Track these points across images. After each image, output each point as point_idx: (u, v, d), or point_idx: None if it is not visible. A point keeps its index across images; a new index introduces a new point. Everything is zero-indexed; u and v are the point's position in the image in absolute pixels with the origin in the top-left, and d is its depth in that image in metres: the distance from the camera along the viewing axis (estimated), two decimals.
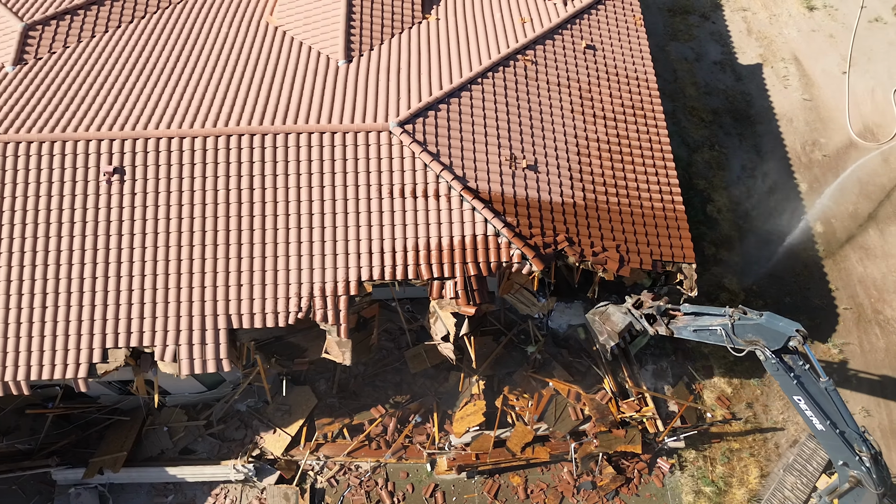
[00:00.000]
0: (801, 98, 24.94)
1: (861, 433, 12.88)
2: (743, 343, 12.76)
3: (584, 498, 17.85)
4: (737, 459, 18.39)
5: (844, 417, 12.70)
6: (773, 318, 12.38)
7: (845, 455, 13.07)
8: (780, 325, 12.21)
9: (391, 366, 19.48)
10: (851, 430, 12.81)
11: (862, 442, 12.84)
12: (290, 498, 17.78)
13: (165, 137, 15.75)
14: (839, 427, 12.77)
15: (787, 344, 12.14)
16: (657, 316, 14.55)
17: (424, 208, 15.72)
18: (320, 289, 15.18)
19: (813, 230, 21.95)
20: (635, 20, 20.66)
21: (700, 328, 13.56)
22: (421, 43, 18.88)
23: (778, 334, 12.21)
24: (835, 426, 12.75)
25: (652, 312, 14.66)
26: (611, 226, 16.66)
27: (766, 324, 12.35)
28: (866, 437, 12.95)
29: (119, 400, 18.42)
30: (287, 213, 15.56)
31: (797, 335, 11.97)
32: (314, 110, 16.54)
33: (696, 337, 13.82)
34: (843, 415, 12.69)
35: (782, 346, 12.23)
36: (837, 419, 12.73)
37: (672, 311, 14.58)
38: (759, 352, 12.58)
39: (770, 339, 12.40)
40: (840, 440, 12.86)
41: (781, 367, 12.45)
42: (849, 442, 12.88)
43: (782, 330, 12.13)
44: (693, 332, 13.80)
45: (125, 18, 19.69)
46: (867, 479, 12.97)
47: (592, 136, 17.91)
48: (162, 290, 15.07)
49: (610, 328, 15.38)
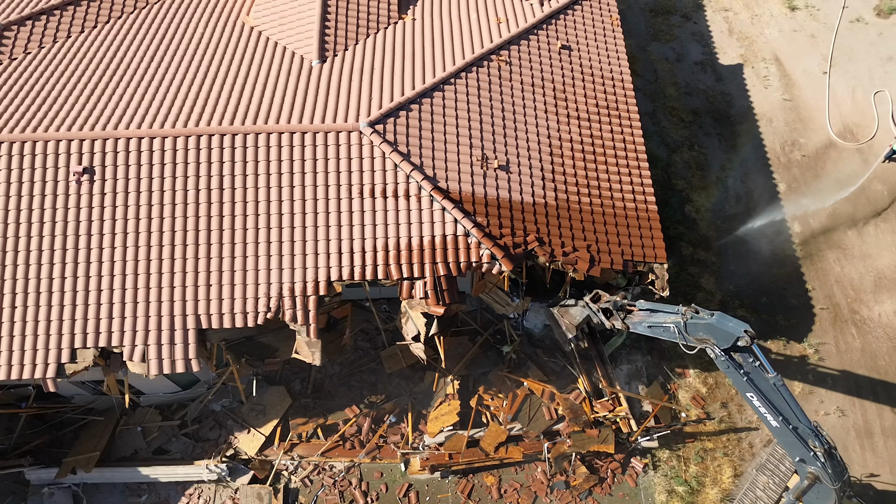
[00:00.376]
0: (781, 98, 24.98)
1: (813, 428, 13.01)
2: (694, 341, 13.10)
3: (557, 498, 17.87)
4: (710, 459, 18.42)
5: (796, 413, 12.90)
6: (723, 319, 12.63)
7: (801, 451, 13.22)
8: (729, 326, 12.47)
9: (367, 366, 19.49)
10: (804, 426, 12.96)
11: (815, 437, 12.95)
12: (263, 498, 17.79)
13: (135, 137, 15.76)
14: (791, 423, 12.95)
15: (736, 343, 12.40)
16: (613, 311, 14.91)
17: (395, 208, 15.73)
18: (289, 289, 15.19)
19: (790, 230, 21.99)
20: (612, 20, 20.69)
21: (654, 324, 13.91)
22: (396, 43, 18.90)
23: (727, 334, 12.47)
24: (787, 422, 12.94)
25: (608, 307, 15.03)
26: (582, 226, 16.69)
27: (717, 324, 12.60)
28: (819, 431, 13.07)
29: (93, 400, 18.41)
30: (257, 212, 15.56)
31: (745, 335, 12.23)
32: (285, 110, 16.55)
33: (651, 332, 14.18)
34: (794, 411, 12.89)
35: (731, 345, 12.49)
36: (789, 415, 12.93)
37: (629, 306, 14.93)
38: (710, 350, 12.92)
39: (720, 338, 12.67)
40: (794, 436, 13.01)
41: (731, 365, 12.77)
42: (802, 438, 13.02)
43: (731, 330, 12.39)
44: (648, 328, 14.18)
45: (101, 19, 19.68)
46: (823, 474, 13.08)
47: (566, 137, 17.93)
48: (131, 290, 15.07)
49: (568, 321, 15.88)
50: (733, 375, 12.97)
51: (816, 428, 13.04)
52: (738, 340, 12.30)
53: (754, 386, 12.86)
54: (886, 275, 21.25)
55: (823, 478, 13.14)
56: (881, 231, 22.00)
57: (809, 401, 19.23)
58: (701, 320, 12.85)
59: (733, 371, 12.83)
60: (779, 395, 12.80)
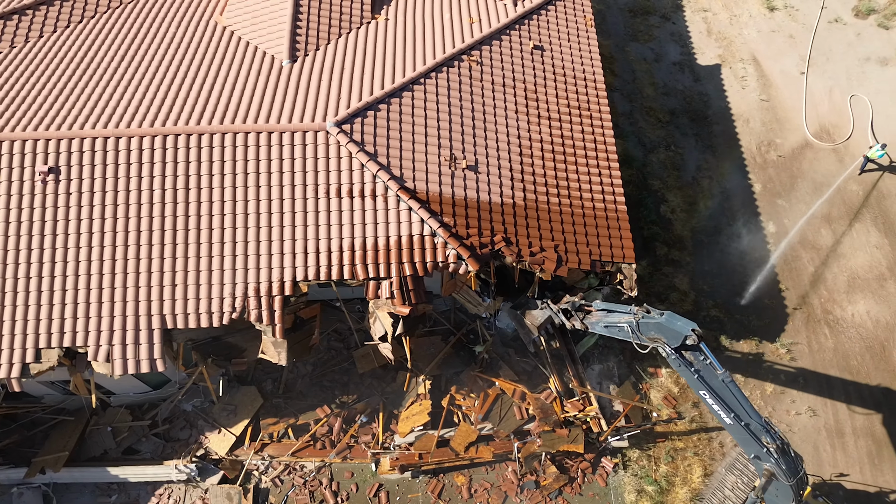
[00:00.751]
0: (758, 98, 25.04)
1: (764, 424, 13.11)
2: (647, 340, 13.30)
3: (527, 497, 17.89)
4: (681, 459, 18.46)
5: (746, 409, 13.03)
6: (672, 318, 12.83)
7: (755, 448, 13.32)
8: (677, 325, 12.65)
9: (339, 366, 19.50)
10: (755, 422, 13.06)
11: (766, 433, 13.05)
12: (233, 498, 17.78)
13: (101, 137, 15.73)
14: (743, 419, 13.05)
15: (685, 342, 12.56)
16: (572, 311, 15.22)
17: (361, 208, 15.74)
18: (255, 289, 15.19)
19: (765, 230, 22.04)
20: (586, 21, 20.72)
21: (610, 324, 14.16)
22: (367, 43, 18.90)
23: (676, 333, 12.65)
24: (739, 419, 13.03)
25: (567, 308, 15.34)
26: (550, 226, 16.71)
27: (666, 323, 12.80)
28: (770, 427, 13.16)
29: (63, 400, 18.38)
30: (222, 212, 15.55)
31: (693, 334, 12.40)
32: (253, 110, 16.55)
33: (607, 332, 14.42)
34: (744, 407, 13.02)
35: (680, 344, 12.66)
36: (740, 411, 13.04)
37: (587, 307, 15.19)
38: (661, 349, 13.10)
39: (670, 337, 12.84)
40: (746, 432, 13.13)
41: (682, 363, 12.94)
42: (755, 434, 13.10)
43: (679, 329, 12.57)
44: (604, 328, 14.43)
45: (74, 18, 19.63)
46: (777, 470, 13.14)
47: (536, 137, 17.95)
48: (96, 290, 15.05)
49: (530, 321, 16.21)
50: (685, 374, 13.15)
51: (767, 424, 13.14)
52: (686, 339, 12.46)
53: (706, 383, 13.01)
54: (860, 275, 21.31)
55: (778, 474, 13.23)
56: (855, 231, 22.06)
57: (781, 400, 19.30)
58: (651, 320, 13.08)
59: (685, 369, 13.01)
60: (729, 392, 12.92)
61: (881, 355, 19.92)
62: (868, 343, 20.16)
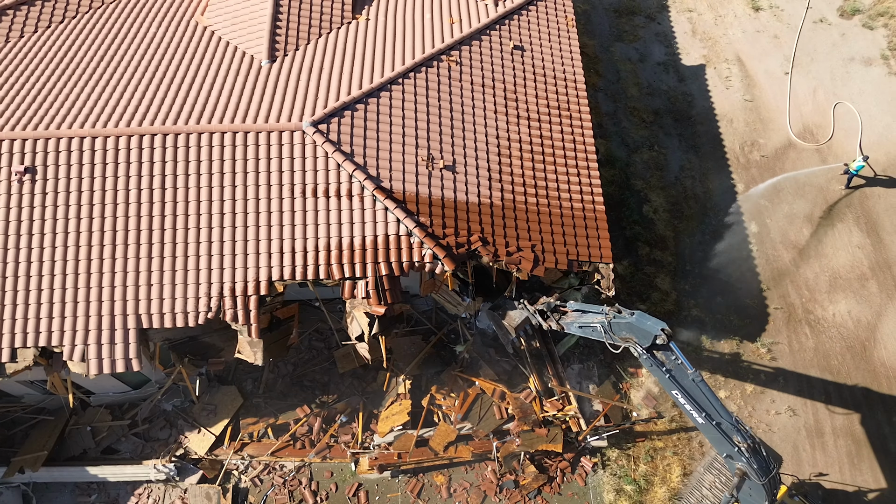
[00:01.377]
0: (742, 99, 25.08)
1: (734, 423, 13.14)
2: (619, 340, 13.35)
3: (506, 497, 17.92)
4: (660, 458, 18.49)
5: (717, 409, 13.06)
6: (642, 318, 12.89)
7: (727, 447, 13.36)
8: (647, 325, 12.72)
9: (320, 365, 19.53)
10: (726, 421, 13.09)
11: (737, 432, 13.09)
12: (212, 497, 17.80)
13: (77, 137, 15.74)
14: (714, 419, 13.09)
15: (655, 342, 12.61)
16: (548, 312, 15.28)
17: (337, 208, 15.76)
18: (230, 289, 15.21)
19: (747, 230, 22.08)
20: (567, 21, 20.75)
21: (584, 325, 14.21)
22: (347, 43, 18.93)
23: (646, 333, 12.71)
24: (710, 418, 13.07)
25: (543, 309, 15.42)
26: (527, 226, 16.74)
27: (636, 323, 12.87)
28: (741, 426, 13.20)
29: (43, 399, 18.40)
30: (198, 212, 15.57)
31: (662, 334, 12.45)
32: (230, 110, 16.56)
33: (582, 332, 14.47)
34: (715, 407, 13.05)
35: (650, 343, 12.72)
36: (711, 411, 13.07)
37: (562, 307, 15.23)
38: (633, 349, 13.15)
39: (640, 336, 12.90)
40: (718, 432, 13.16)
41: (654, 363, 13.01)
42: (726, 433, 13.14)
43: (649, 329, 12.64)
44: (579, 328, 14.48)
45: (56, 18, 19.65)
46: (749, 469, 13.17)
47: (514, 137, 17.98)
48: (71, 290, 15.06)
49: (508, 323, 16.24)
50: (657, 373, 13.20)
51: (738, 423, 13.18)
52: (656, 339, 12.50)
53: (677, 383, 13.03)
54: (841, 275, 21.35)
55: (750, 473, 13.27)
56: (837, 231, 22.10)
57: (761, 400, 19.33)
58: (622, 319, 13.15)
59: (656, 369, 13.07)
60: (700, 392, 12.94)
61: (861, 355, 19.96)
62: (849, 343, 20.20)
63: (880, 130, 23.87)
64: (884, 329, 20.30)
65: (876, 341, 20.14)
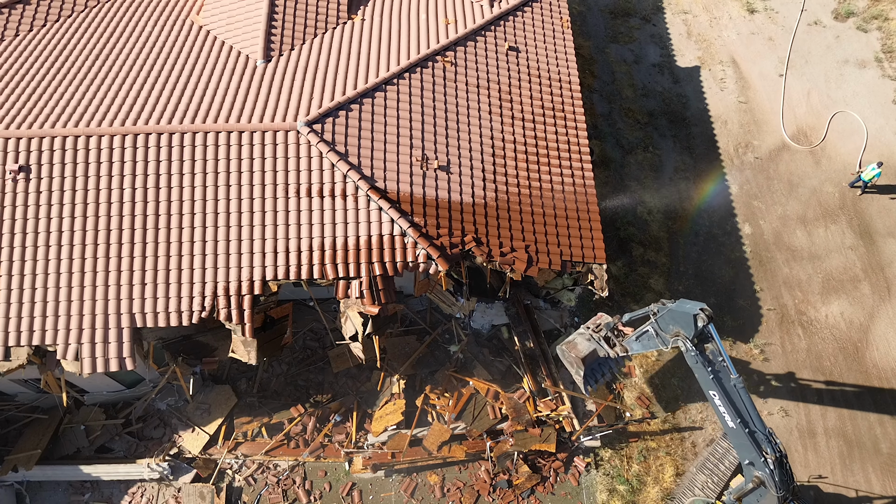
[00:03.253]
0: (736, 101, 25.17)
1: (768, 434, 13.19)
2: (669, 337, 13.28)
3: (500, 496, 17.96)
4: (653, 458, 18.55)
5: (753, 417, 13.10)
6: (682, 302, 13.02)
7: (752, 455, 13.37)
8: (686, 307, 12.80)
9: (314, 365, 19.56)
10: (759, 431, 13.15)
11: (768, 443, 13.14)
12: (205, 497, 17.82)
13: (72, 136, 15.75)
14: (748, 426, 13.11)
15: (697, 325, 12.60)
16: (611, 335, 15.08)
17: (331, 208, 15.80)
18: (224, 288, 15.23)
19: (741, 231, 22.17)
20: (562, 22, 20.81)
21: (640, 335, 14.12)
22: (342, 43, 18.96)
23: (686, 315, 12.70)
24: (745, 424, 13.10)
25: (607, 334, 15.16)
26: (521, 226, 16.79)
27: (677, 307, 12.93)
28: (773, 438, 13.25)
29: (37, 398, 18.39)
30: (192, 212, 15.59)
31: (701, 314, 12.50)
32: (225, 109, 16.58)
33: (642, 347, 14.31)
34: (751, 414, 13.09)
35: (694, 329, 12.65)
36: (747, 418, 13.11)
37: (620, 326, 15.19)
38: (682, 343, 13.03)
39: (684, 323, 12.88)
40: (748, 439, 13.17)
41: (700, 360, 12.92)
42: (756, 442, 13.19)
43: (688, 310, 12.67)
44: (637, 342, 14.34)
45: (51, 17, 19.64)
46: (769, 480, 13.21)
47: (509, 138, 18.03)
48: (65, 289, 15.07)
49: (574, 354, 15.36)
50: (701, 371, 13.11)
51: (771, 434, 13.22)
52: (696, 321, 12.53)
53: (719, 385, 13.00)
54: (834, 276, 21.45)
55: (769, 484, 13.26)
56: (831, 233, 22.20)
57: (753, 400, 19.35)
58: (665, 309, 13.24)
59: (701, 367, 12.97)
60: (739, 398, 12.98)
61: (854, 356, 20.05)
62: (841, 344, 20.29)
63: (874, 133, 23.98)
64: (876, 331, 20.39)
65: (868, 343, 20.23)
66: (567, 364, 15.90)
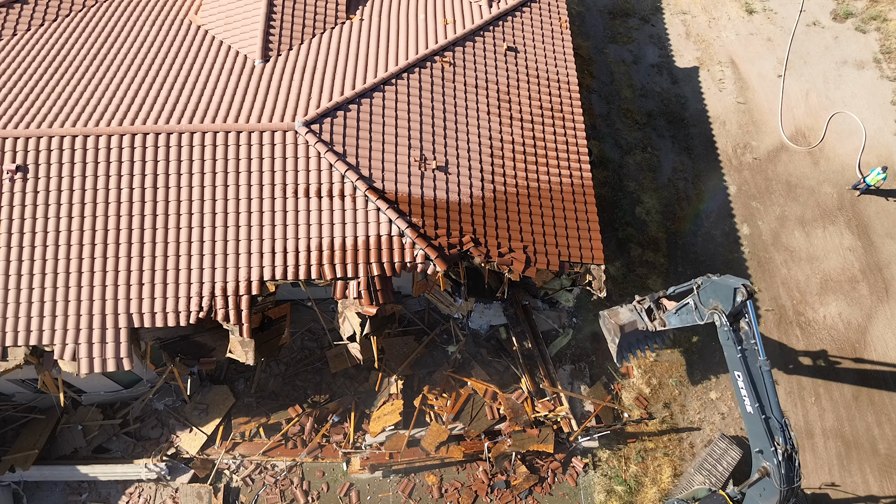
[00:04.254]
0: (735, 101, 25.18)
1: (783, 424, 13.25)
2: (707, 311, 13.52)
3: (497, 497, 17.95)
4: (651, 459, 18.55)
5: (772, 403, 13.22)
6: (726, 277, 13.35)
7: (763, 443, 13.42)
8: (730, 281, 13.07)
9: (312, 365, 19.53)
10: (776, 419, 13.21)
11: (781, 433, 13.20)
12: (203, 497, 17.80)
13: (69, 136, 15.72)
14: (765, 412, 13.21)
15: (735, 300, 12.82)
16: (653, 307, 15.56)
17: (329, 208, 15.77)
18: (222, 288, 15.21)
19: (739, 231, 22.17)
20: (561, 22, 20.79)
21: (679, 308, 14.47)
22: (341, 43, 18.94)
23: (728, 288, 12.93)
24: (762, 409, 13.20)
25: (650, 306, 15.66)
26: (519, 227, 16.78)
27: (721, 280, 13.22)
28: (788, 429, 13.29)
29: (34, 398, 18.36)
30: (190, 212, 15.57)
31: (742, 288, 12.73)
32: (223, 109, 16.56)
33: (680, 321, 14.67)
34: (771, 400, 13.20)
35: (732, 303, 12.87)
36: (766, 403, 13.23)
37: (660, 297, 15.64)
38: (717, 318, 13.27)
39: (723, 297, 13.12)
40: (763, 426, 13.23)
41: (732, 337, 13.14)
42: (770, 431, 13.24)
43: (731, 284, 12.93)
44: (676, 316, 14.71)
45: (49, 17, 19.60)
46: (775, 472, 13.20)
47: (507, 138, 18.02)
48: (63, 289, 15.04)
49: (614, 321, 16.01)
50: (730, 349, 13.35)
51: (786, 426, 13.27)
52: (736, 295, 12.74)
53: (745, 365, 13.18)
54: (832, 277, 21.46)
55: (774, 476, 13.24)
56: (829, 234, 22.21)
57: None
58: (708, 282, 13.52)
59: (731, 344, 13.21)
60: (762, 382, 13.16)
61: (851, 357, 20.05)
62: (839, 345, 20.31)
63: (872, 134, 23.99)
64: (874, 331, 20.41)
65: (866, 343, 20.25)
66: (605, 332, 16.55)
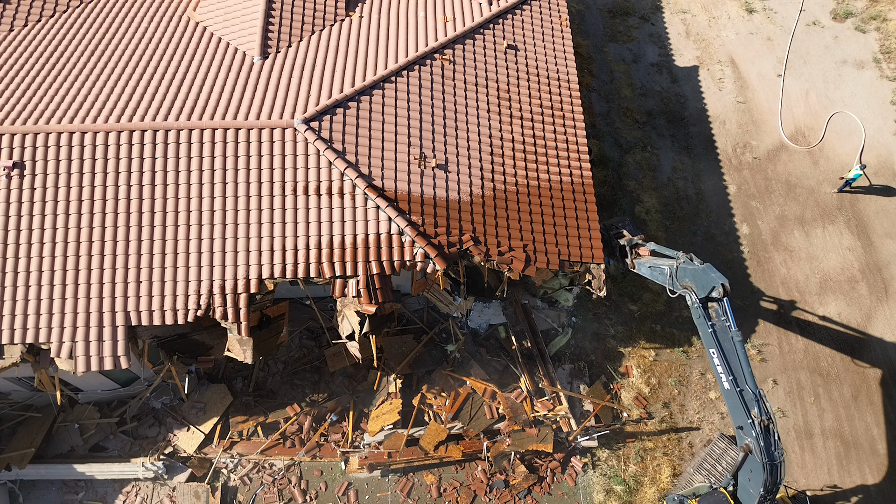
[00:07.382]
0: (734, 100, 25.13)
1: (758, 395, 13.37)
2: (680, 287, 14.16)
3: (496, 497, 17.89)
4: (650, 459, 18.50)
5: (745, 375, 13.40)
6: (709, 269, 13.71)
7: (742, 418, 13.52)
8: (711, 276, 13.50)
9: (311, 364, 19.45)
10: (750, 389, 13.34)
11: (756, 404, 13.30)
12: (200, 496, 17.71)
13: (67, 132, 15.62)
14: (739, 385, 13.39)
15: (711, 293, 13.36)
16: (628, 248, 16.91)
17: (328, 206, 15.69)
18: (220, 286, 15.12)
19: (739, 231, 22.13)
20: (561, 21, 20.73)
21: (654, 265, 15.23)
22: (340, 41, 18.85)
23: (707, 282, 13.42)
24: (736, 383, 13.37)
25: (625, 245, 17.00)
26: (519, 226, 16.71)
27: (702, 272, 13.65)
28: (763, 400, 13.42)
29: (30, 396, 18.25)
30: (189, 209, 15.48)
31: (720, 287, 13.21)
32: (222, 107, 16.47)
33: (649, 274, 15.61)
34: (745, 372, 13.39)
35: (707, 294, 13.43)
36: (739, 376, 13.42)
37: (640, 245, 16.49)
38: (689, 297, 13.88)
39: (700, 286, 13.61)
40: (739, 399, 13.38)
41: (702, 315, 13.65)
42: (746, 404, 13.33)
43: (712, 280, 13.41)
44: (648, 268, 15.57)
45: (46, 13, 19.52)
46: (755, 445, 13.22)
47: (507, 136, 17.94)
48: (59, 286, 14.94)
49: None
50: (702, 326, 13.82)
51: (761, 396, 13.41)
52: (713, 290, 13.25)
53: (717, 341, 13.56)
54: (832, 277, 21.43)
55: (755, 450, 13.24)
56: (828, 233, 22.17)
57: None
58: (690, 266, 14.01)
59: (703, 322, 13.70)
60: (735, 354, 13.47)
61: (851, 357, 20.02)
62: (838, 345, 20.27)
63: (871, 133, 23.97)
64: (873, 331, 20.38)
65: (865, 343, 20.21)
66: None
